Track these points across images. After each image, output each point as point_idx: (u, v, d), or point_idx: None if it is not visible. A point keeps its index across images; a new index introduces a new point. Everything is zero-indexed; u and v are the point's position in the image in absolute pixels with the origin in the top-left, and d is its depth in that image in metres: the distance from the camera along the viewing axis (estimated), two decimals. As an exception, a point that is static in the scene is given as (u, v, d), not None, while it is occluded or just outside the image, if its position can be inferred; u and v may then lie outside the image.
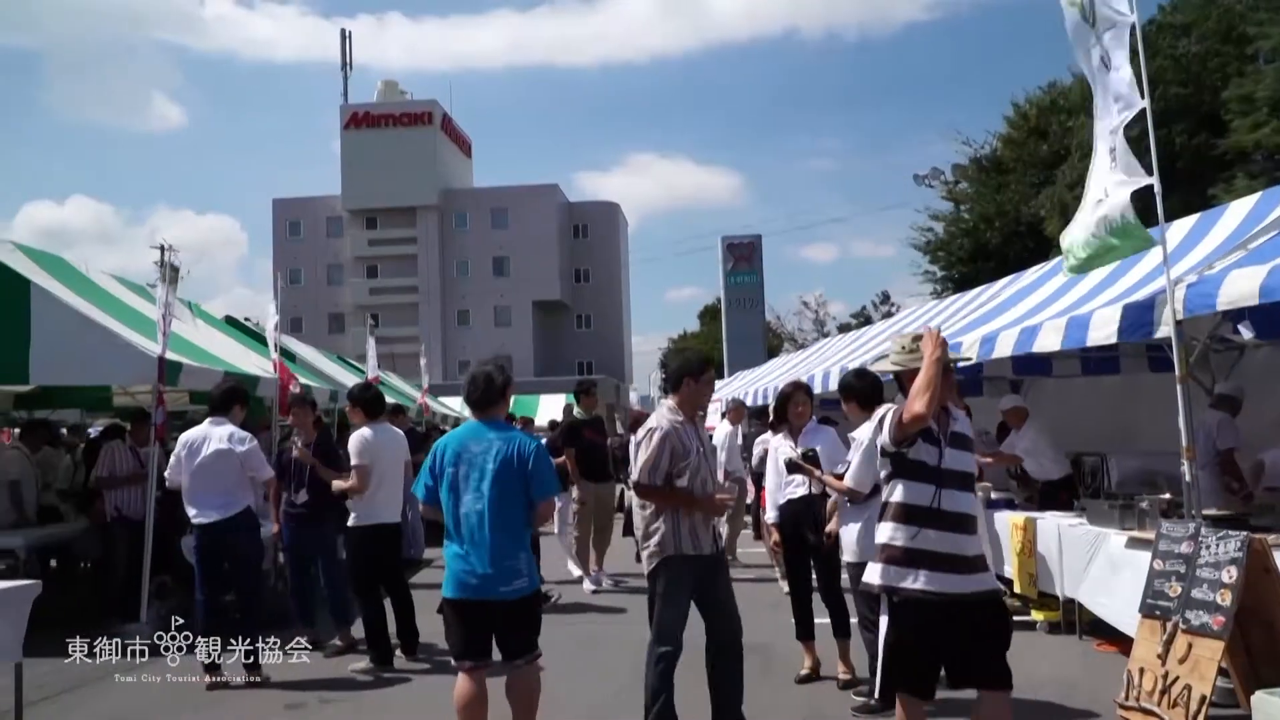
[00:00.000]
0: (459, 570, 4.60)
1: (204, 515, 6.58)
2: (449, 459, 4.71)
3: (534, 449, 4.72)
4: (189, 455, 6.62)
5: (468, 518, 4.60)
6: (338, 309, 62.31)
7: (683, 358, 5.31)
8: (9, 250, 8.46)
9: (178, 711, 6.06)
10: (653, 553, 4.97)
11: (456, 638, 4.70)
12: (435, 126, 63.51)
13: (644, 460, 4.92)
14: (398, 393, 17.59)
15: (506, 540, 4.59)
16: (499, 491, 4.59)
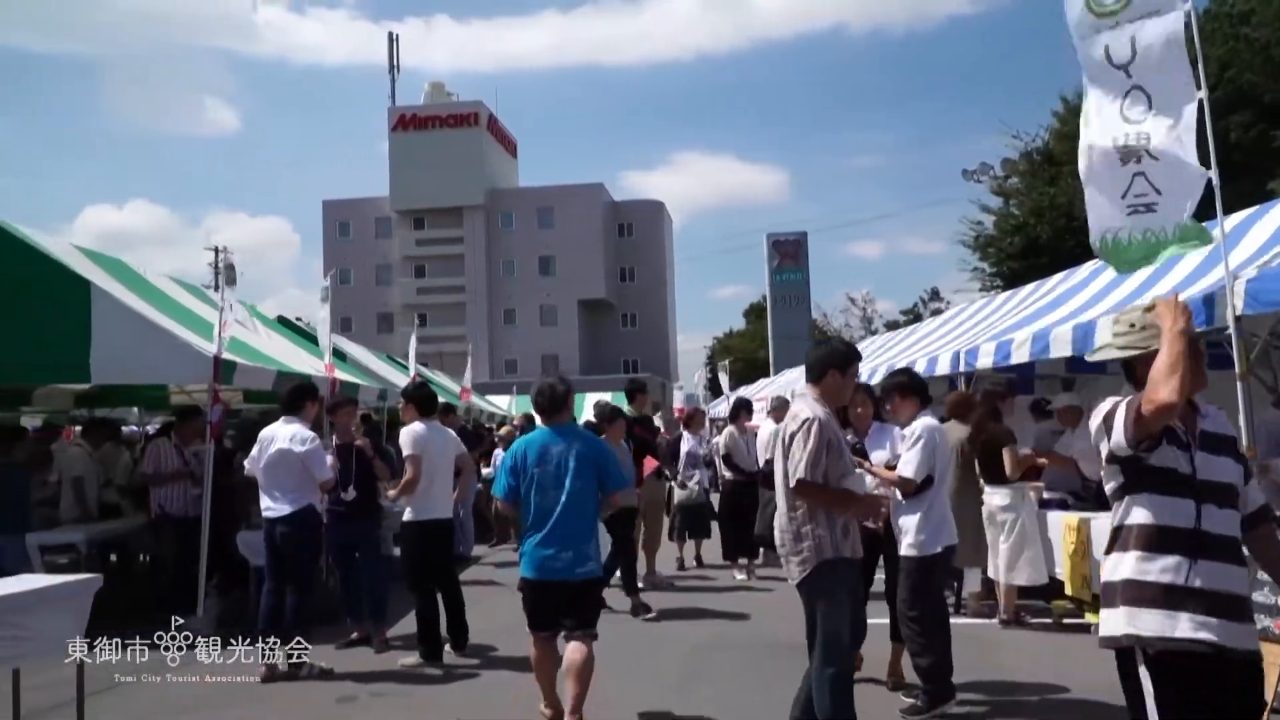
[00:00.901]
0: (540, 555, 5.28)
1: (270, 510, 6.83)
2: (532, 460, 5.35)
3: (605, 448, 5.57)
4: (260, 451, 6.87)
5: (548, 510, 5.27)
6: (386, 309, 62.98)
7: (828, 347, 4.85)
8: (70, 253, 8.67)
9: (233, 704, 6.17)
10: (805, 558, 4.48)
11: (533, 611, 5.40)
12: (481, 127, 63.93)
13: (808, 454, 4.41)
14: (445, 391, 17.75)
15: (580, 530, 5.31)
16: (577, 486, 5.28)
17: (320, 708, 6.07)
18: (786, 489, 4.54)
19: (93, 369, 7.97)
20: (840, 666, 4.47)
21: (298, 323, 14.92)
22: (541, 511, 5.29)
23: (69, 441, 11.10)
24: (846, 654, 4.56)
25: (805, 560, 4.48)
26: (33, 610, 5.27)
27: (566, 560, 5.25)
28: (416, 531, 7.12)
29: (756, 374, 41.48)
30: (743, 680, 6.49)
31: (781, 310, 54.43)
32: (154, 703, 6.14)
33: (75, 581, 5.70)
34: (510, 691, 6.41)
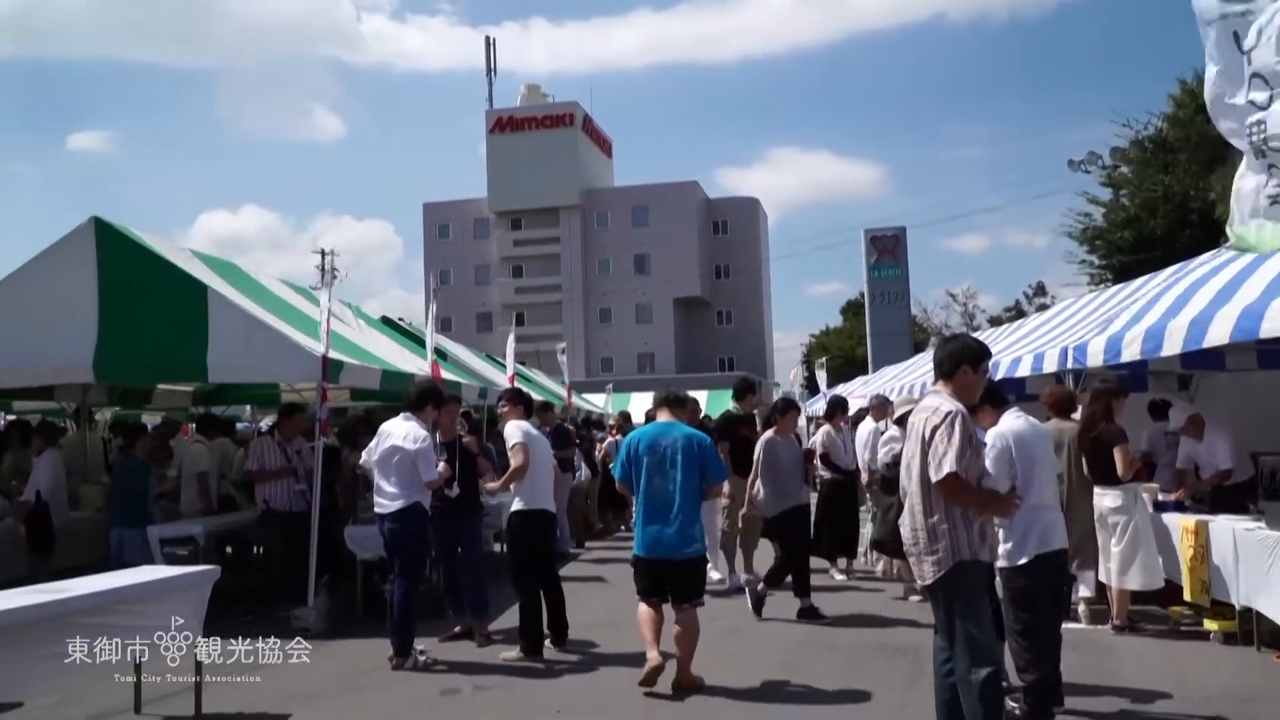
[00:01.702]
0: (650, 535, 6.05)
1: (380, 505, 7.01)
2: (643, 449, 6.14)
3: (708, 443, 6.21)
4: (377, 444, 7.06)
5: (659, 495, 6.02)
6: (485, 308, 63.98)
7: (960, 343, 4.76)
8: (188, 258, 9.03)
9: (342, 693, 6.35)
10: (940, 559, 4.36)
11: (644, 583, 6.21)
12: (576, 128, 64.45)
13: (954, 448, 4.26)
14: (543, 389, 17.95)
15: (686, 513, 6.00)
16: (683, 475, 6.00)
17: (425, 699, 6.20)
18: (924, 485, 4.42)
19: (209, 368, 8.30)
20: (989, 667, 4.33)
21: (400, 322, 15.25)
22: (650, 496, 6.05)
23: (187, 439, 11.54)
24: (994, 654, 4.43)
25: (940, 561, 4.37)
26: (155, 600, 5.51)
27: (673, 540, 5.98)
28: (523, 521, 7.21)
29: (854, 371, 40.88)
30: (839, 680, 6.42)
31: (880, 307, 53.47)
32: (268, 691, 6.33)
33: (195, 573, 5.96)
34: (610, 686, 6.46)
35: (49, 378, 9.34)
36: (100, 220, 8.41)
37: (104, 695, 6.01)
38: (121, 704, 5.82)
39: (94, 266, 8.27)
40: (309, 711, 5.92)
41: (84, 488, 10.78)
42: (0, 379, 8.67)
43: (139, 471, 9.22)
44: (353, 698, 6.26)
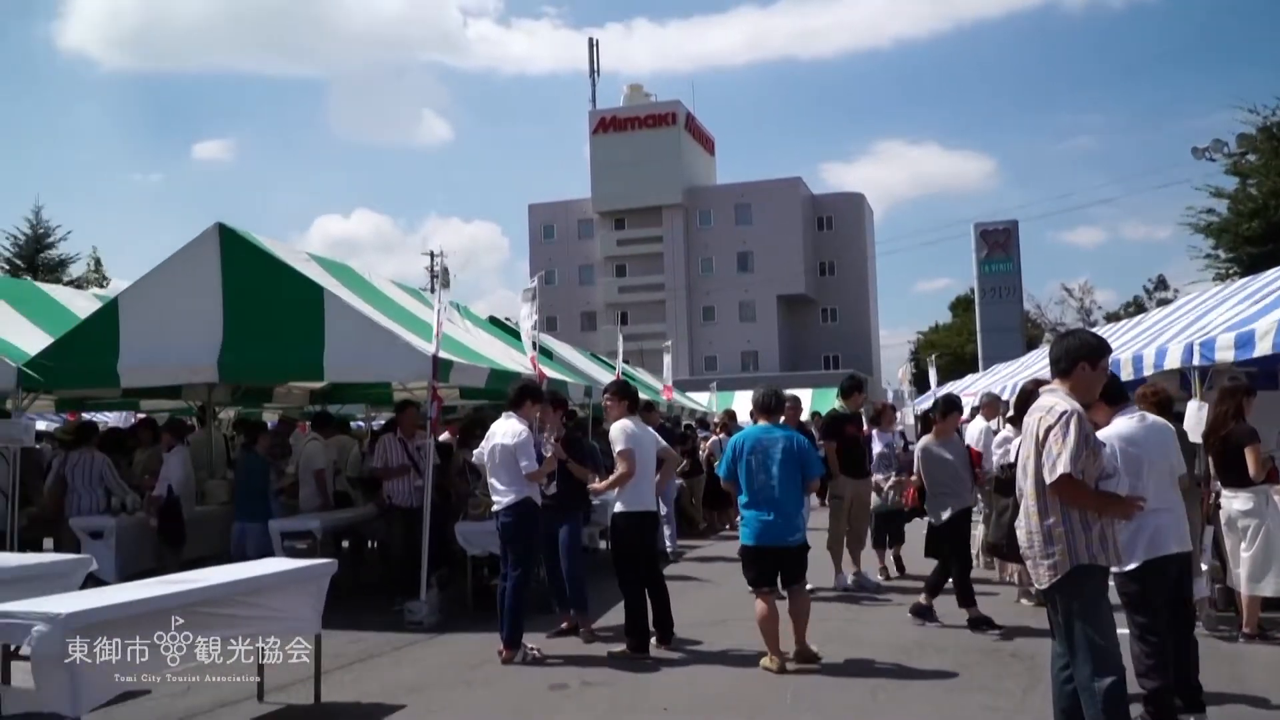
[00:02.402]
0: (759, 526, 6.61)
1: (495, 502, 7.19)
2: (748, 449, 6.71)
3: (805, 443, 6.89)
4: (487, 444, 7.25)
5: (766, 489, 6.59)
6: (589, 307, 64.51)
7: (1077, 339, 4.59)
8: (306, 261, 9.34)
9: (453, 684, 6.49)
10: (1056, 562, 4.23)
11: (755, 572, 6.70)
12: (679, 126, 64.48)
13: (1069, 448, 4.13)
14: (646, 387, 18.02)
15: (792, 505, 6.65)
16: (785, 472, 6.59)
17: (533, 692, 6.28)
18: (1039, 487, 4.30)
19: (326, 368, 8.57)
20: (1112, 675, 4.17)
21: (507, 322, 15.49)
22: (755, 491, 6.61)
23: (305, 435, 11.93)
24: (1117, 662, 4.24)
25: (1056, 565, 4.24)
26: (277, 591, 5.71)
27: (779, 529, 6.58)
28: (625, 523, 7.26)
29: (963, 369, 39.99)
30: (950, 684, 6.29)
31: (990, 303, 52.24)
32: (382, 682, 6.53)
33: (314, 566, 6.15)
34: (715, 684, 6.46)
35: (177, 378, 9.77)
36: (224, 226, 8.76)
37: (227, 684, 6.22)
38: (245, 693, 6.04)
39: (218, 270, 8.61)
40: (422, 702, 6.05)
41: (209, 483, 11.24)
42: (132, 379, 9.10)
43: (260, 468, 9.58)
44: (464, 690, 6.38)
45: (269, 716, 5.85)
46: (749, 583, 6.76)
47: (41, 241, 37.66)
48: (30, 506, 9.57)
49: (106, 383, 9.21)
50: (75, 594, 5.37)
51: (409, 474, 9.03)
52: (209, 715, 5.80)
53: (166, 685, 6.02)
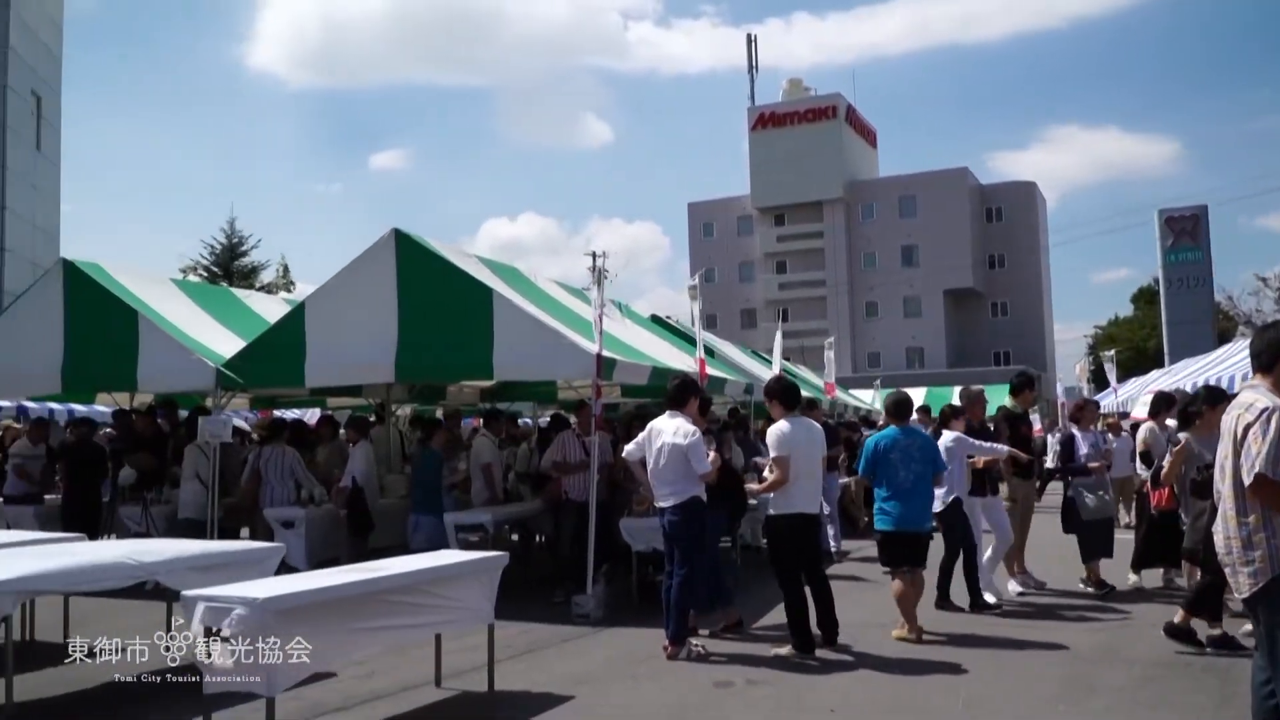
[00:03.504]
0: (897, 515, 7.44)
1: (659, 499, 7.18)
2: (886, 448, 7.54)
3: (934, 443, 7.89)
4: (648, 442, 7.22)
5: (904, 483, 7.43)
6: (749, 304, 64.28)
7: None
8: (476, 264, 9.67)
9: (620, 678, 6.59)
10: (1257, 569, 4.00)
11: (891, 555, 7.56)
12: (839, 119, 63.49)
13: (1267, 447, 3.92)
14: (808, 385, 17.83)
15: (925, 497, 7.58)
16: (920, 470, 7.48)
17: (699, 689, 6.31)
18: (1236, 489, 4.07)
19: (495, 366, 8.85)
20: None
21: (668, 320, 15.62)
22: (894, 485, 7.45)
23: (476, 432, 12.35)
24: None
25: (1256, 573, 4.00)
26: (453, 582, 5.94)
27: (915, 517, 7.45)
28: (780, 524, 7.22)
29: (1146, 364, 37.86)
30: (1133, 698, 5.98)
31: (1177, 293, 49.35)
32: (551, 673, 6.69)
33: (487, 558, 6.36)
34: (883, 687, 6.34)
35: (357, 377, 10.30)
36: (400, 232, 9.15)
37: (407, 669, 6.55)
38: (423, 677, 6.31)
39: (394, 274, 9.01)
40: (591, 694, 6.17)
41: (388, 477, 11.79)
42: (316, 379, 9.64)
43: (434, 463, 9.97)
44: (630, 684, 6.47)
45: (446, 702, 6.07)
46: (885, 563, 7.66)
47: (235, 250, 40.34)
48: (228, 497, 10.24)
49: (294, 382, 9.79)
50: (270, 580, 5.71)
51: (586, 470, 9.21)
52: (391, 698, 6.07)
53: (351, 667, 6.40)
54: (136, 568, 6.07)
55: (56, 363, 10.05)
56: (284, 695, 4.92)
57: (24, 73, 39.60)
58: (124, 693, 6.26)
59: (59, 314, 10.11)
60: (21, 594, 5.50)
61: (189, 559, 6.29)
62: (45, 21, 42.36)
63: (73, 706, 6.05)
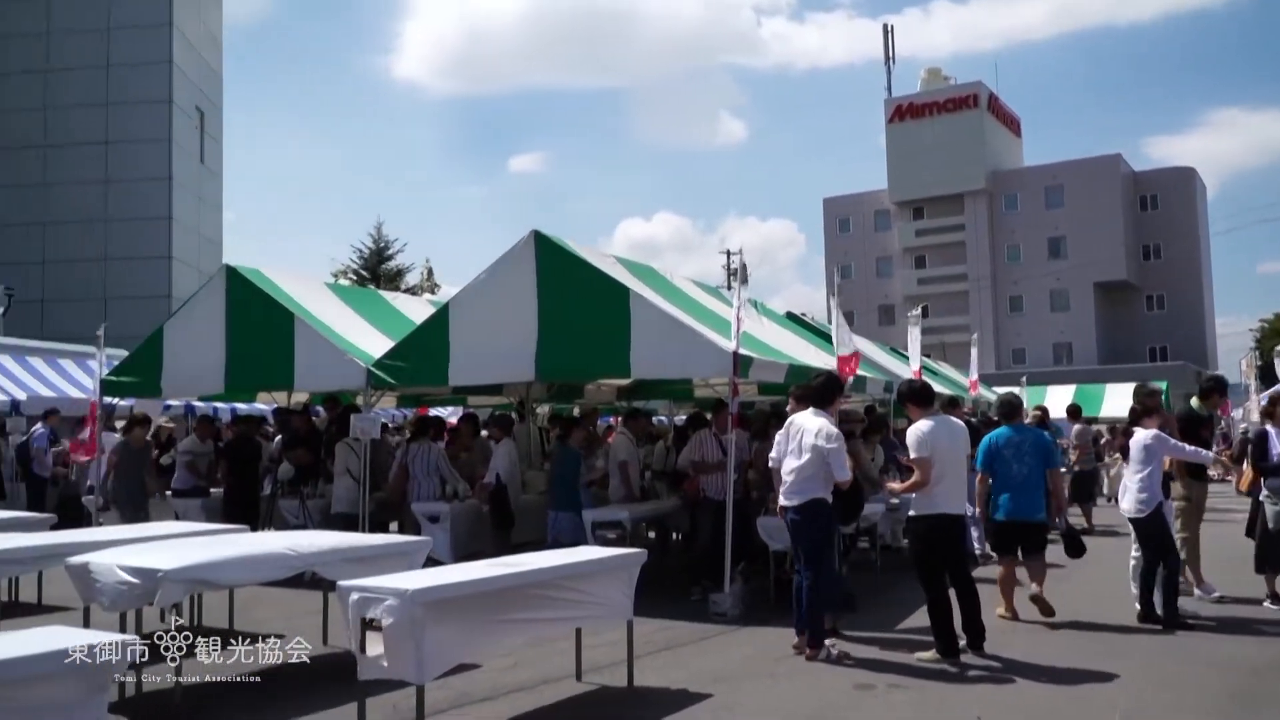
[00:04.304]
0: (1009, 506, 7.94)
1: (784, 496, 7.10)
2: (1000, 444, 8.04)
3: (1047, 441, 8.38)
4: (786, 438, 7.13)
5: (1015, 477, 7.93)
6: (887, 300, 63.00)
7: None
8: (612, 263, 9.78)
9: (759, 677, 6.54)
10: None
11: (1001, 542, 8.20)
12: (981, 109, 61.57)
13: None
14: (950, 383, 17.37)
15: (1038, 490, 8.00)
16: (1032, 464, 7.95)
17: (839, 691, 6.24)
18: None
19: (632, 364, 8.93)
20: None
21: (803, 318, 15.45)
22: (1007, 479, 7.95)
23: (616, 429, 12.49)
24: None
25: None
26: (593, 578, 6.03)
27: (1025, 508, 7.90)
28: (921, 526, 7.07)
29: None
30: None
31: (1354, 284, 46.03)
32: (689, 670, 6.71)
33: (626, 554, 6.43)
34: (1031, 695, 6.14)
35: (499, 376, 10.56)
36: (539, 233, 9.34)
37: (549, 662, 6.68)
38: (564, 671, 6.43)
39: (534, 275, 9.20)
40: (729, 692, 6.16)
41: (529, 473, 12.04)
42: (460, 378, 9.91)
43: (572, 460, 10.13)
44: (769, 683, 6.44)
45: (586, 695, 6.17)
46: (993, 549, 8.46)
47: (382, 254, 41.90)
48: (378, 492, 10.65)
49: (439, 381, 10.10)
50: (419, 572, 5.90)
51: (723, 469, 9.21)
52: (533, 691, 6.21)
53: (495, 660, 6.58)
54: (295, 559, 6.38)
55: (220, 363, 10.63)
56: (432, 684, 5.09)
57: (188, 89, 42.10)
58: (284, 677, 6.59)
59: (221, 317, 10.69)
60: (192, 583, 5.84)
61: (343, 551, 6.57)
62: (206, 40, 44.92)
63: (236, 690, 6.38)
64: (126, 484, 10.99)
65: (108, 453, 11.33)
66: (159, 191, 40.19)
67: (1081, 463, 15.54)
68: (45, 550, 7.16)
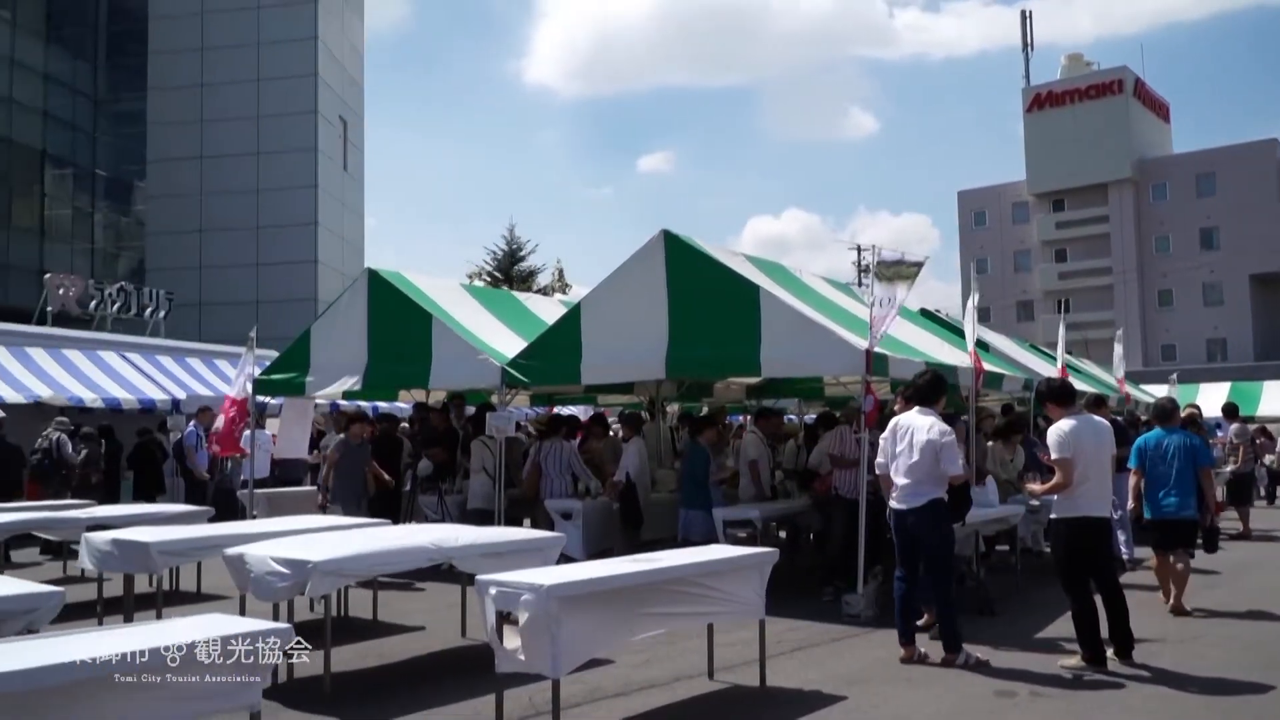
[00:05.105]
0: (1160, 505, 8.38)
1: (900, 499, 6.86)
2: (1151, 446, 8.50)
3: (1198, 442, 8.66)
4: (894, 439, 6.91)
5: (1167, 476, 8.35)
6: (1026, 296, 60.93)
7: None
8: (741, 261, 9.76)
9: (895, 681, 6.42)
10: None
11: (1156, 538, 8.52)
12: (1126, 95, 58.89)
13: None
14: (1095, 381, 16.68)
15: (1189, 488, 8.37)
16: (1180, 465, 8.35)
17: (979, 698, 6.07)
18: None
19: (762, 363, 8.88)
20: None
21: (937, 314, 15.08)
22: (1159, 478, 8.39)
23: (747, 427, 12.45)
24: None
25: None
26: (726, 576, 6.03)
27: (1176, 505, 8.32)
28: (1064, 529, 6.82)
29: None
30: None
31: None
32: (823, 671, 6.64)
33: (758, 553, 6.41)
34: (1183, 707, 5.86)
35: (630, 375, 10.66)
36: (668, 233, 9.38)
37: (681, 660, 6.72)
38: (695, 669, 6.45)
39: (664, 274, 9.24)
40: (864, 695, 6.07)
41: (659, 471, 12.11)
42: (592, 376, 10.04)
43: (703, 458, 10.13)
44: (905, 687, 6.31)
45: (719, 694, 6.17)
46: (1153, 545, 8.62)
47: (515, 255, 42.78)
48: (512, 489, 10.88)
49: (571, 380, 10.25)
50: (554, 568, 6.00)
51: (859, 466, 9.07)
52: (665, 687, 6.24)
53: (628, 656, 6.65)
54: (436, 552, 6.59)
55: (362, 363, 11.03)
56: (567, 678, 5.18)
57: (331, 100, 43.85)
58: (426, 667, 6.82)
59: (363, 319, 11.08)
60: (340, 575, 6.09)
61: (481, 546, 6.76)
62: (349, 51, 46.72)
63: (380, 679, 6.63)
64: (350, 481, 10.99)
65: (329, 450, 11.60)
66: (306, 199, 41.96)
67: (1239, 464, 14.72)
68: (203, 542, 7.56)
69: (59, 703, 3.39)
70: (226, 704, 3.97)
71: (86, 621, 7.34)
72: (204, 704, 3.87)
